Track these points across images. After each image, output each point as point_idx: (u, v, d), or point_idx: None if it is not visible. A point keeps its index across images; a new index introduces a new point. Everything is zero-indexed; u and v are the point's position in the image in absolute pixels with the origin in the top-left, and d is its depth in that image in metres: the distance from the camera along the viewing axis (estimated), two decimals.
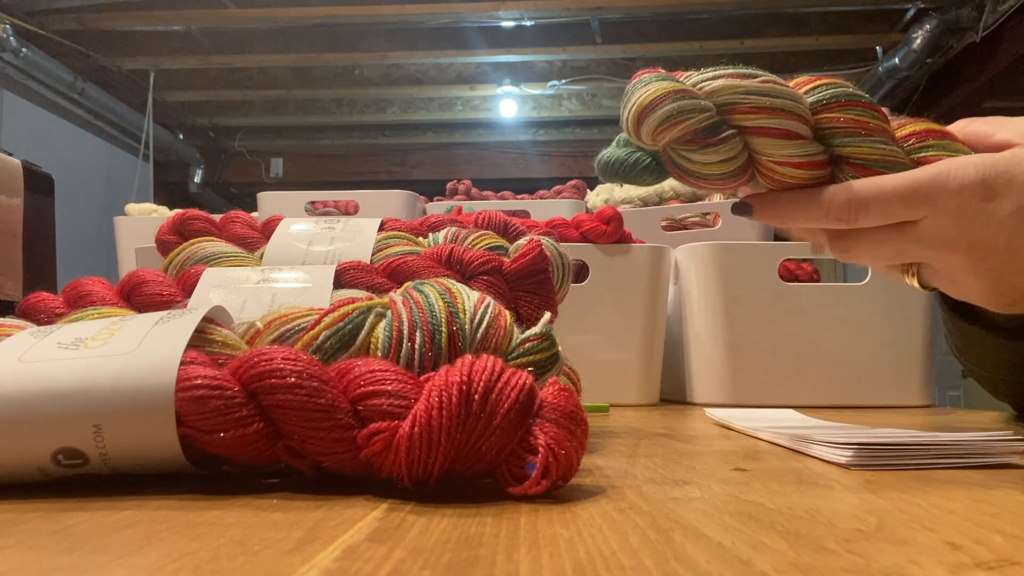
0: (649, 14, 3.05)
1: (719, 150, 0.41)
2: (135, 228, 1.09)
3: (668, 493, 0.28)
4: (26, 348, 0.30)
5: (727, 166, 0.42)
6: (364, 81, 3.70)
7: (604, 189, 1.17)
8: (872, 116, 0.42)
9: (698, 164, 0.42)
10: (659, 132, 0.41)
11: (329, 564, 0.19)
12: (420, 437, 0.26)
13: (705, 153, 0.41)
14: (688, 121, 0.41)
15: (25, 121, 3.29)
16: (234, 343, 0.32)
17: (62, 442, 0.28)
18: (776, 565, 0.19)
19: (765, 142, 0.42)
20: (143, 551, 0.20)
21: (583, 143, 4.32)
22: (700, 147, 0.41)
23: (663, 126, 0.41)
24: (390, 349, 0.32)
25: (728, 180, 0.43)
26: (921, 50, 2.92)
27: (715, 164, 0.42)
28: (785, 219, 0.44)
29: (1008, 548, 0.20)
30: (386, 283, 0.45)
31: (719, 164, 0.42)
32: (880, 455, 0.34)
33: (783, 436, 0.42)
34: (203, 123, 4.18)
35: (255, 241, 0.53)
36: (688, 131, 0.41)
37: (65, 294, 0.44)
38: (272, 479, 0.32)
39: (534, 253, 0.44)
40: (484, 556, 0.20)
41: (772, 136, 0.42)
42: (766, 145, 0.42)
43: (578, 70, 3.51)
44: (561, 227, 0.82)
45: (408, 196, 1.05)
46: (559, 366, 0.34)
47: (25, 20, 2.90)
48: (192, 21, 3.08)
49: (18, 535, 0.22)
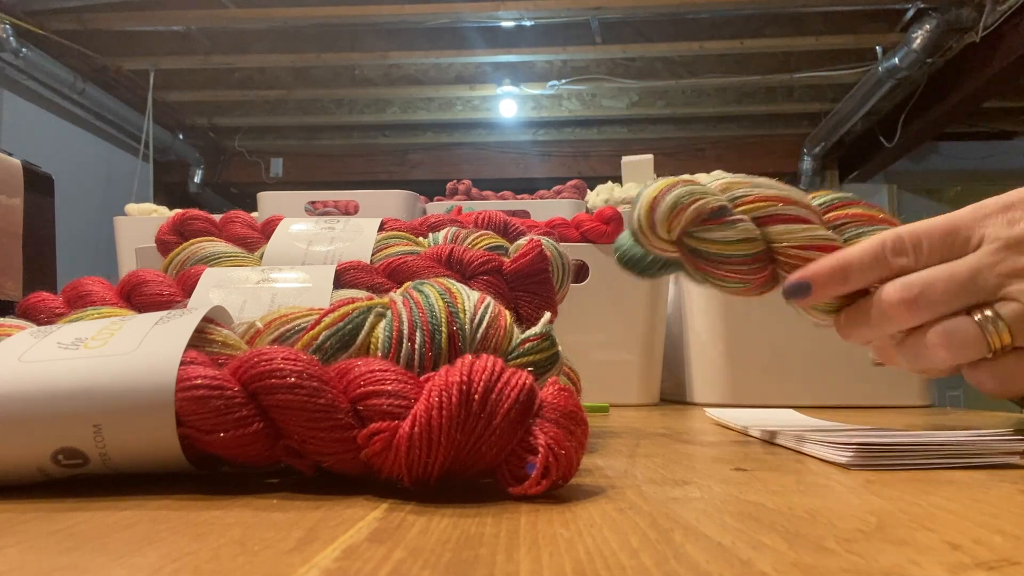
0: (649, 14, 3.04)
1: (736, 228, 0.41)
2: (135, 228, 1.09)
3: (668, 493, 0.28)
4: (26, 348, 0.30)
5: (747, 247, 0.41)
6: (364, 81, 3.70)
7: (604, 189, 1.17)
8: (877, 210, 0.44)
9: (718, 244, 0.41)
10: (672, 219, 0.42)
11: (329, 564, 0.19)
12: (420, 437, 0.26)
13: (723, 231, 0.41)
14: (698, 202, 0.41)
15: (25, 121, 3.28)
16: (234, 343, 0.32)
17: (62, 442, 0.28)
18: (776, 565, 0.19)
19: (780, 229, 0.42)
20: (143, 551, 0.20)
21: (583, 143, 4.32)
22: (716, 225, 0.41)
23: (674, 211, 0.41)
24: (390, 349, 0.32)
25: (750, 266, 0.42)
26: (921, 50, 2.92)
27: (735, 244, 0.41)
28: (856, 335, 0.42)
29: (1008, 548, 0.20)
30: (386, 283, 0.45)
31: (738, 244, 0.41)
32: (880, 455, 0.34)
33: (783, 436, 0.42)
34: (203, 123, 4.17)
35: (255, 241, 0.53)
36: (700, 212, 0.41)
37: (65, 294, 0.44)
38: (272, 479, 0.32)
39: (534, 253, 0.44)
40: (484, 556, 0.20)
41: (786, 222, 0.42)
42: (782, 232, 0.42)
43: (578, 70, 3.51)
44: (561, 227, 0.81)
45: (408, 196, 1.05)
46: (559, 366, 0.34)
47: (25, 20, 2.89)
48: (192, 21, 3.08)
49: (18, 535, 0.22)
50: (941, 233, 0.41)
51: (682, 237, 0.42)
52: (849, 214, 0.43)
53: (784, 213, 0.42)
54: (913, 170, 4.38)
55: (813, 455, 0.37)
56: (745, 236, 0.41)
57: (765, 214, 0.42)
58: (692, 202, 0.41)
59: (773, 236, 0.42)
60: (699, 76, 3.54)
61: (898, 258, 0.41)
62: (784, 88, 3.80)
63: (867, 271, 0.41)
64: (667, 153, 4.10)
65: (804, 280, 0.41)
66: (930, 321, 0.39)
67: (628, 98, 3.87)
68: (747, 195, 0.42)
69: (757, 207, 0.42)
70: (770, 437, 0.44)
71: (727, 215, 0.41)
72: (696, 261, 0.43)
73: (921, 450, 0.34)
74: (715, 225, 0.41)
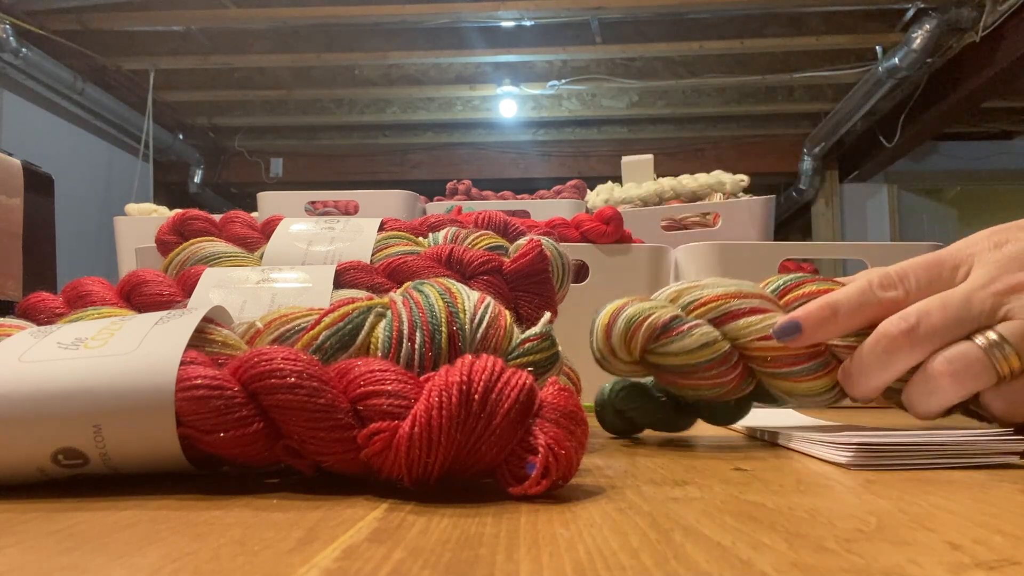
0: (649, 14, 3.04)
1: (693, 336, 0.41)
2: (135, 228, 1.09)
3: (668, 493, 0.28)
4: (26, 348, 0.30)
5: (709, 351, 0.41)
6: (364, 81, 3.70)
7: (604, 189, 1.17)
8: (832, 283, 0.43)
9: (680, 356, 0.41)
10: (630, 342, 0.42)
11: (329, 564, 0.19)
12: (420, 437, 0.26)
13: (680, 341, 0.41)
14: (648, 319, 0.41)
15: (25, 121, 3.28)
16: (234, 343, 0.32)
17: (62, 442, 0.28)
18: (776, 565, 0.19)
19: (740, 324, 0.42)
20: (143, 551, 0.20)
21: (583, 143, 4.32)
22: (673, 337, 0.41)
23: (628, 334, 0.42)
24: (390, 349, 0.32)
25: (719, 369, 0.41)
26: (921, 50, 2.92)
27: (695, 351, 0.41)
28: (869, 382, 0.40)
29: (1008, 548, 0.20)
30: (386, 283, 0.45)
31: (699, 351, 0.41)
32: (880, 455, 0.34)
33: (783, 436, 0.42)
34: (203, 123, 4.17)
35: (255, 241, 0.53)
36: (653, 328, 0.41)
37: (65, 294, 0.44)
38: (272, 479, 0.32)
39: (534, 253, 0.44)
40: (484, 556, 0.20)
41: (743, 316, 0.42)
42: (742, 328, 0.41)
43: (578, 70, 3.51)
44: (561, 227, 0.81)
45: (408, 196, 1.05)
46: (559, 366, 0.34)
47: (25, 20, 2.89)
48: (192, 21, 3.08)
49: (18, 535, 0.22)
50: (927, 266, 0.40)
51: (644, 356, 0.43)
52: (805, 293, 0.42)
53: (739, 308, 0.42)
54: (913, 170, 4.39)
55: (813, 455, 0.37)
56: (704, 341, 0.41)
57: (720, 313, 0.42)
58: (642, 321, 0.42)
59: (734, 333, 0.42)
60: (699, 76, 3.54)
61: (886, 292, 0.40)
62: (784, 88, 3.80)
63: (855, 308, 0.40)
64: (667, 153, 4.10)
65: (794, 320, 0.40)
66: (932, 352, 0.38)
67: (628, 98, 3.87)
68: (698, 299, 0.43)
69: (710, 308, 0.42)
70: (770, 437, 0.44)
71: (681, 324, 0.42)
72: (664, 376, 0.43)
73: (921, 450, 0.34)
74: (671, 338, 0.41)
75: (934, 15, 2.85)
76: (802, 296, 0.43)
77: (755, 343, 0.41)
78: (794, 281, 0.44)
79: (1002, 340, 0.36)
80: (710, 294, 0.43)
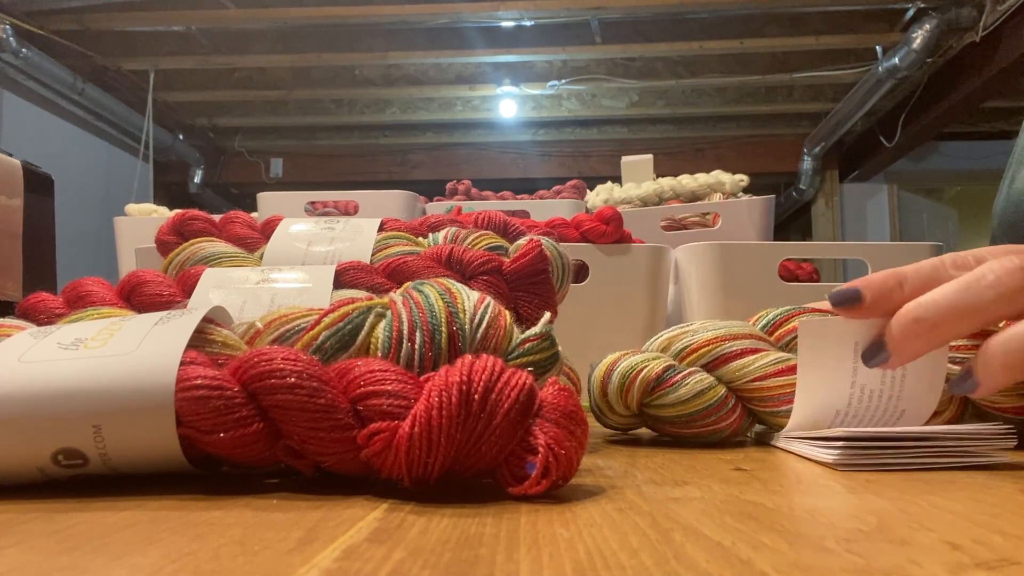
0: (649, 14, 3.04)
1: (688, 385, 0.41)
2: (135, 228, 1.09)
3: (668, 493, 0.28)
4: (26, 348, 0.30)
5: (706, 398, 0.41)
6: (364, 81, 3.70)
7: (604, 189, 1.17)
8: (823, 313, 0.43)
9: (676, 407, 0.41)
10: (626, 396, 0.42)
11: (329, 564, 0.19)
12: (420, 437, 0.26)
13: (675, 391, 0.41)
14: (641, 373, 0.42)
15: (25, 121, 3.28)
16: (234, 343, 0.32)
17: (62, 442, 0.28)
18: (776, 565, 0.19)
19: (734, 367, 0.42)
20: (143, 551, 0.20)
21: (583, 143, 4.32)
22: (667, 389, 0.42)
23: (624, 389, 0.42)
24: (390, 349, 0.32)
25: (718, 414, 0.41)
26: (921, 50, 2.92)
27: (692, 400, 0.41)
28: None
29: (1008, 548, 0.20)
30: (386, 283, 0.45)
31: (696, 399, 0.41)
32: (867, 453, 0.33)
33: (775, 437, 0.42)
34: (203, 123, 4.17)
35: (255, 241, 0.53)
36: (647, 381, 0.42)
37: (65, 294, 0.44)
38: (272, 479, 0.32)
39: (534, 253, 0.44)
40: (484, 556, 0.20)
41: (737, 358, 0.42)
42: (736, 370, 0.42)
43: (578, 70, 3.51)
44: (561, 227, 0.81)
45: (408, 196, 1.05)
46: (559, 366, 0.34)
47: (25, 20, 2.89)
48: (192, 21, 3.08)
49: (18, 535, 0.22)
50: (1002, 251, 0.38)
51: (641, 408, 0.43)
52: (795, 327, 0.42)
53: (731, 351, 0.42)
54: (913, 170, 4.38)
55: (802, 455, 0.37)
56: (699, 389, 0.41)
57: (713, 358, 0.42)
58: (636, 375, 0.42)
59: (728, 376, 0.42)
60: (699, 76, 3.54)
61: (960, 271, 0.38)
62: (784, 88, 3.80)
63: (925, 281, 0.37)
64: (667, 153, 4.10)
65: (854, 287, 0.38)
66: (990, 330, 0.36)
67: (628, 98, 3.87)
68: (689, 345, 0.43)
69: (702, 354, 0.42)
70: (764, 438, 0.44)
71: (675, 374, 0.42)
72: (663, 427, 0.43)
73: (909, 447, 0.33)
74: (665, 390, 0.42)
75: (934, 15, 2.85)
76: (794, 330, 0.43)
77: (751, 384, 0.41)
78: (783, 315, 0.44)
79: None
80: (701, 339, 0.43)
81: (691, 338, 0.43)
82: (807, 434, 0.37)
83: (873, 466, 0.33)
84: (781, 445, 0.41)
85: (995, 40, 2.81)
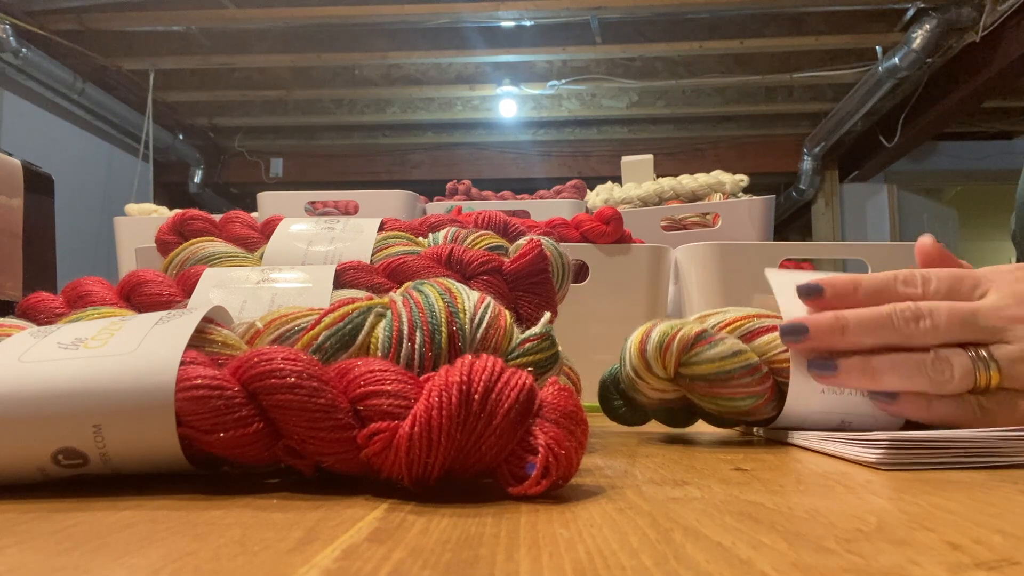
0: (649, 14, 3.04)
1: (725, 344, 0.42)
2: (135, 228, 1.09)
3: (668, 493, 0.28)
4: (26, 348, 0.30)
5: (742, 359, 0.42)
6: (364, 81, 3.70)
7: (604, 189, 1.17)
8: None
9: (715, 362, 0.42)
10: (664, 355, 0.43)
11: (329, 564, 0.19)
12: (420, 437, 0.26)
13: (714, 348, 0.42)
14: (681, 331, 0.43)
15: (25, 121, 3.28)
16: (234, 343, 0.32)
17: (62, 442, 0.28)
18: (776, 565, 0.19)
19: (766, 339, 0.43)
20: (143, 551, 0.20)
21: (583, 143, 4.32)
22: (705, 346, 0.42)
23: (663, 347, 0.43)
24: (390, 349, 0.32)
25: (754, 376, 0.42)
26: (921, 50, 2.92)
27: (729, 358, 0.42)
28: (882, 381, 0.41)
29: (1008, 548, 0.20)
30: (386, 283, 0.45)
31: (733, 357, 0.42)
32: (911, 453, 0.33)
33: (799, 436, 0.42)
34: (203, 123, 4.17)
35: (255, 241, 0.53)
36: (686, 339, 0.42)
37: (65, 294, 0.44)
38: (272, 479, 0.32)
39: (534, 253, 0.44)
40: (484, 556, 0.20)
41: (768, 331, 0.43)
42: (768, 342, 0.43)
43: (578, 70, 3.51)
44: (561, 227, 0.81)
45: (408, 196, 1.05)
46: (559, 366, 0.34)
47: (25, 20, 2.89)
48: (192, 21, 3.08)
49: (18, 535, 0.22)
50: (950, 277, 0.42)
51: (679, 370, 0.43)
52: None
53: (762, 326, 0.44)
54: (913, 170, 4.38)
55: (836, 455, 0.37)
56: (736, 349, 0.42)
57: (746, 331, 0.44)
58: (675, 335, 0.43)
59: (761, 348, 0.43)
60: (699, 76, 3.54)
61: (907, 288, 0.42)
62: (784, 88, 3.80)
63: (874, 291, 0.42)
64: (667, 153, 4.10)
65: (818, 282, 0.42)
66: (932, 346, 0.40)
67: (628, 98, 3.87)
68: (722, 320, 0.44)
69: (736, 327, 0.44)
70: (784, 437, 0.44)
71: (711, 335, 0.43)
72: (701, 387, 0.43)
73: (953, 447, 0.33)
74: (704, 347, 0.42)
75: (934, 15, 2.85)
76: None
77: (781, 355, 0.43)
78: None
79: (990, 358, 0.39)
80: (733, 316, 0.45)
81: (723, 315, 0.45)
82: (845, 435, 0.37)
83: (916, 465, 0.33)
84: (810, 445, 0.40)
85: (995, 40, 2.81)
